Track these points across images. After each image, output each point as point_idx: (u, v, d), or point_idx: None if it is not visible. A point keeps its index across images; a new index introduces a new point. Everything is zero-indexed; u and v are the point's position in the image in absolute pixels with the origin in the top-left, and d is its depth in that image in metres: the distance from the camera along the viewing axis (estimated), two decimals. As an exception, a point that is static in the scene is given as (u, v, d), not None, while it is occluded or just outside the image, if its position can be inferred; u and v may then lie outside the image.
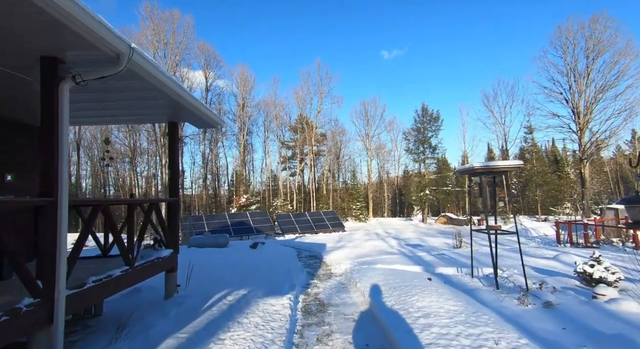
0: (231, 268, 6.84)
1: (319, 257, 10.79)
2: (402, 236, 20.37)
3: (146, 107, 4.14)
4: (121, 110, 4.12)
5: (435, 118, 30.78)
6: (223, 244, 13.31)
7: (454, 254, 10.28)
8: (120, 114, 4.24)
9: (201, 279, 5.41)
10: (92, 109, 4.03)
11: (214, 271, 6.27)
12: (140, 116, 4.33)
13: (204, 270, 6.28)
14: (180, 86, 3.83)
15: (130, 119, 4.69)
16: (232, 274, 5.85)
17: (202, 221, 21.52)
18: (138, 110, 4.14)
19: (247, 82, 38.23)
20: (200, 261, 7.67)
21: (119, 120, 4.57)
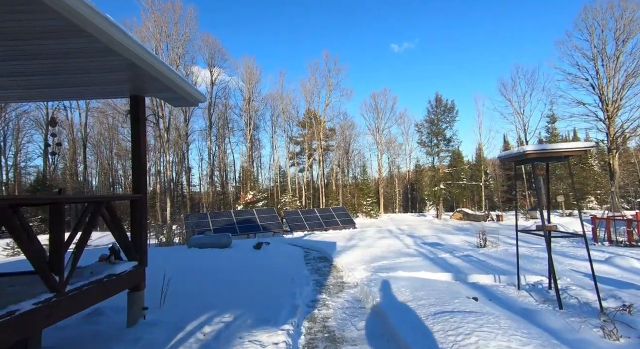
0: (225, 276, 5.80)
1: (329, 259, 9.72)
2: (417, 233, 19.17)
3: (97, 76, 3.09)
4: (60, 79, 3.08)
5: (449, 108, 29.22)
6: (225, 245, 12.35)
7: (480, 256, 9.08)
8: (57, 84, 3.20)
9: (183, 293, 4.39)
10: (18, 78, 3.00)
11: (202, 281, 5.25)
12: (90, 88, 3.29)
13: (191, 280, 5.28)
14: (142, 46, 2.76)
15: (76, 92, 3.56)
16: (223, 287, 4.81)
17: (207, 219, 20.70)
18: (85, 78, 3.09)
19: (253, 75, 37.26)
20: (190, 267, 6.69)
21: (59, 93, 3.53)
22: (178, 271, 6.22)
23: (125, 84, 3.37)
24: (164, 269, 6.75)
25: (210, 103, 34.97)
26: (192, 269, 6.46)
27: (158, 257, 8.88)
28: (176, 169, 42.85)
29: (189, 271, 6.25)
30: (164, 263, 7.83)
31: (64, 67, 2.81)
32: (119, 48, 2.47)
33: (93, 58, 2.74)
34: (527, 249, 10.06)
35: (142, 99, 3.62)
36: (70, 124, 35.22)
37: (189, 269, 6.41)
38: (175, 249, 11.96)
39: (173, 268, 6.74)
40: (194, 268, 6.64)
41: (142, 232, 3.48)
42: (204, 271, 6.26)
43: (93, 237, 20.52)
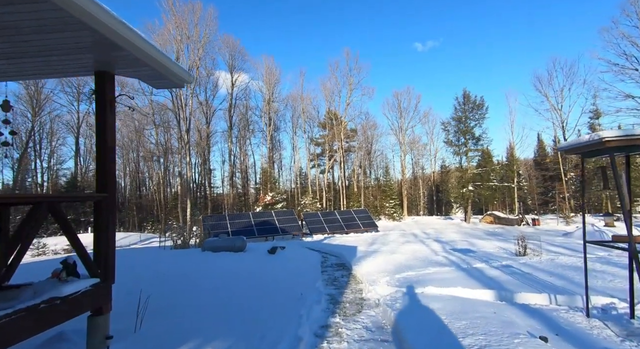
0: (227, 289, 5.09)
1: (348, 266, 8.85)
2: (444, 238, 17.83)
3: (53, 46, 2.44)
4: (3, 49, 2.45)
5: (478, 105, 27.41)
6: (239, 248, 11.77)
7: (523, 267, 7.89)
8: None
9: (170, 312, 3.71)
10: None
11: (199, 295, 4.55)
12: (48, 62, 2.66)
13: (186, 294, 4.61)
14: (97, 2, 2.09)
15: (33, 69, 2.88)
16: (219, 303, 4.08)
17: (225, 221, 20.37)
18: (37, 48, 2.45)
19: (272, 75, 36.99)
20: (192, 277, 6.02)
21: (10, 71, 2.89)
22: (176, 281, 5.60)
23: (87, 56, 2.71)
24: (163, 276, 6.16)
25: (231, 104, 35.10)
26: (193, 279, 5.82)
27: (164, 262, 8.38)
28: (199, 170, 43.45)
29: (188, 281, 5.61)
30: (167, 268, 7.29)
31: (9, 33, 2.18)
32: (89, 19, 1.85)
33: (41, 18, 2.09)
34: (579, 259, 8.70)
35: (111, 77, 2.95)
36: (98, 128, 36.48)
37: (190, 279, 5.77)
38: (188, 252, 11.52)
39: (173, 276, 6.13)
40: (195, 277, 6.00)
41: (108, 240, 2.80)
42: (206, 281, 5.59)
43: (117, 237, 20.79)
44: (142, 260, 9.07)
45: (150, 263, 8.17)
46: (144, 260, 9.05)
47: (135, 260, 9.04)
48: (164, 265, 7.50)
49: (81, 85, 35.29)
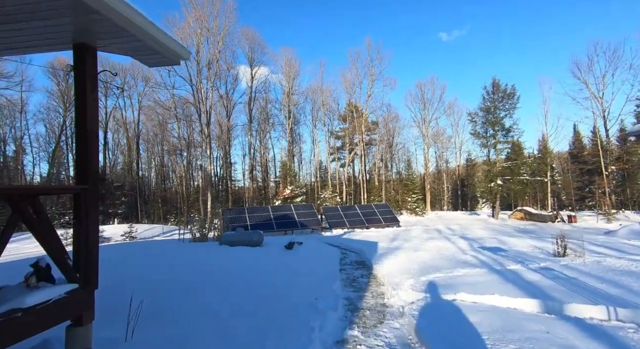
0: (236, 288, 4.72)
1: (368, 265, 8.32)
2: (470, 235, 16.86)
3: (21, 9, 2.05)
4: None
5: (509, 94, 25.67)
6: (257, 243, 11.52)
7: (565, 270, 7.05)
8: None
9: (168, 316, 3.35)
10: None
11: (203, 296, 4.19)
12: (22, 34, 2.29)
13: (190, 296, 4.26)
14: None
15: (5, 43, 2.49)
16: (223, 309, 3.68)
17: (245, 214, 20.31)
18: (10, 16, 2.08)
19: (292, 67, 36.53)
20: (202, 275, 5.71)
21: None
22: (185, 280, 5.30)
23: (64, 27, 2.31)
24: (174, 270, 5.93)
25: (250, 98, 35.06)
26: (202, 277, 5.50)
27: (179, 256, 8.18)
28: (220, 164, 44.01)
29: (198, 280, 5.29)
30: (180, 263, 7.05)
31: None
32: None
33: None
34: (631, 263, 7.71)
35: (92, 51, 2.56)
36: (124, 122, 37.61)
37: (199, 278, 5.46)
38: (206, 246, 11.39)
39: (182, 272, 5.85)
40: (204, 277, 5.68)
41: (89, 239, 2.42)
42: (214, 282, 5.25)
43: (139, 229, 21.32)
44: (154, 253, 8.97)
45: (161, 258, 8.01)
46: (156, 253, 8.94)
47: (149, 253, 8.96)
48: (179, 260, 7.30)
49: (108, 81, 36.35)
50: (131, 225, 19.78)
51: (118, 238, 19.30)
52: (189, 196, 35.86)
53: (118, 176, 41.72)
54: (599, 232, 17.72)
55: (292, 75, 36.25)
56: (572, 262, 8.06)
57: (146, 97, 34.14)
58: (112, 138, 42.43)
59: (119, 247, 10.96)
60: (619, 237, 15.14)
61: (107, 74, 4.46)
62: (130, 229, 19.39)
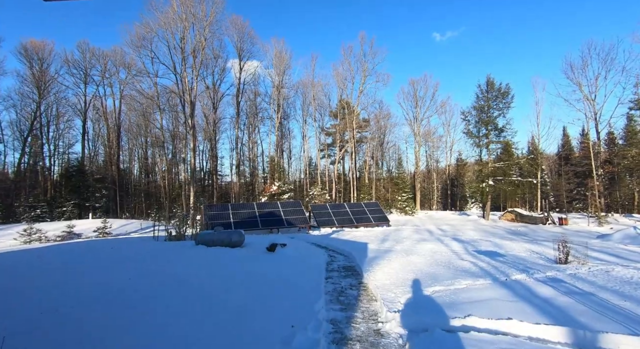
0: (189, 317, 3.77)
1: (358, 271, 7.48)
2: (463, 237, 16.29)
3: None
4: None
5: (504, 93, 25.19)
6: (236, 243, 10.55)
7: (574, 280, 6.39)
8: None
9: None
10: None
11: (141, 330, 3.23)
12: None
13: (137, 318, 3.29)
14: None
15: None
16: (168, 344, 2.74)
17: (228, 211, 19.25)
18: None
19: (282, 59, 35.23)
20: (152, 285, 4.70)
21: None
22: (117, 299, 4.30)
23: None
24: (111, 283, 4.72)
25: (238, 89, 33.69)
26: (146, 293, 4.51)
27: (138, 261, 7.08)
28: (207, 157, 42.54)
29: (136, 298, 4.29)
30: (135, 270, 5.94)
31: None
32: None
33: None
34: (634, 272, 7.08)
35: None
36: (104, 111, 35.73)
37: (140, 295, 4.46)
38: (179, 246, 10.34)
39: (123, 285, 4.81)
40: (152, 289, 4.70)
41: None
42: (163, 296, 4.28)
43: (115, 224, 19.88)
44: (105, 257, 7.90)
45: (112, 263, 6.97)
46: (112, 257, 7.87)
47: (100, 256, 7.88)
48: (132, 265, 6.28)
49: (88, 67, 34.50)
50: (105, 220, 18.45)
51: (90, 234, 17.99)
52: (171, 190, 34.41)
53: (99, 168, 39.84)
54: (592, 236, 17.38)
55: (282, 67, 35.06)
56: (579, 271, 7.40)
57: (128, 86, 32.45)
58: (93, 128, 40.49)
59: (71, 248, 9.77)
60: (614, 242, 14.75)
61: (88, 59, 3.49)
62: (104, 225, 18.06)
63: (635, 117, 22.38)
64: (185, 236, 13.50)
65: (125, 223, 22.37)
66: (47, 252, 8.61)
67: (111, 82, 34.39)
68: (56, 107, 33.66)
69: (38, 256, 7.63)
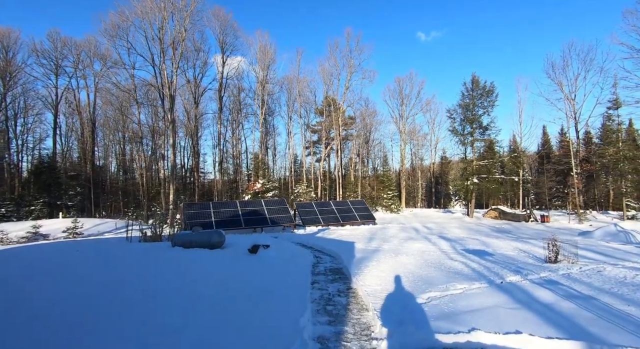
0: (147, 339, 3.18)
1: (346, 274, 7.02)
2: (449, 235, 16.16)
3: None
4: None
5: (488, 91, 25.35)
6: (216, 244, 9.91)
7: (571, 282, 6.16)
8: None
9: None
10: None
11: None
12: None
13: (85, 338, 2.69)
14: None
15: None
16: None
17: (209, 210, 18.44)
18: None
19: (267, 53, 34.29)
20: (117, 299, 4.06)
21: None
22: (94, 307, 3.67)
23: None
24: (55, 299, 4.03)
25: (221, 84, 32.58)
26: (91, 317, 3.89)
27: (99, 266, 6.34)
28: (189, 154, 41.16)
29: (107, 310, 3.69)
30: (91, 278, 5.23)
31: None
32: None
33: None
34: (630, 272, 6.94)
35: None
36: (77, 105, 33.80)
37: (111, 307, 3.85)
38: (154, 248, 9.60)
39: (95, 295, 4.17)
40: (122, 302, 4.07)
41: None
42: (106, 315, 3.67)
43: (87, 224, 18.62)
44: (59, 262, 7.13)
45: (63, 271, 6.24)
46: (67, 263, 7.11)
47: (54, 262, 7.10)
48: (88, 272, 5.58)
49: (59, 58, 32.55)
50: (75, 220, 17.27)
51: (59, 235, 16.81)
52: (150, 188, 33.01)
53: (73, 165, 37.83)
54: (574, 233, 17.64)
55: (267, 62, 34.12)
56: (571, 271, 7.20)
57: (104, 78, 30.74)
58: (66, 123, 38.35)
59: (30, 250, 8.87)
60: (596, 239, 14.95)
61: (59, 49, 2.80)
62: (74, 225, 16.91)
63: (614, 117, 23.05)
64: (163, 236, 12.69)
65: (99, 223, 21.14)
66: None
67: (85, 74, 32.57)
68: (24, 100, 31.60)
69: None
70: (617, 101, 22.60)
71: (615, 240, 14.16)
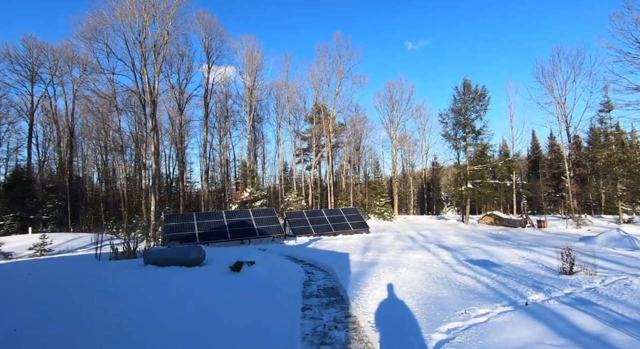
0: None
1: (343, 296, 6.02)
2: (447, 243, 15.34)
3: None
4: None
5: (480, 95, 25.03)
6: (195, 261, 8.77)
7: (597, 297, 5.36)
8: None
9: None
10: None
11: None
12: None
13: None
14: None
15: None
16: None
17: (193, 221, 17.20)
18: None
19: (254, 58, 33.46)
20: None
21: None
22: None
23: None
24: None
25: (207, 90, 31.52)
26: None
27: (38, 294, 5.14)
28: (174, 163, 39.69)
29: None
30: None
31: None
32: None
33: None
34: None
35: None
36: (54, 113, 32.17)
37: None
38: (122, 267, 8.40)
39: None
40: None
41: None
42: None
43: (59, 240, 17.02)
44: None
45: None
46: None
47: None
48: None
49: (35, 64, 31.05)
50: (44, 236, 15.77)
51: (25, 253, 15.29)
52: (131, 199, 31.40)
53: (52, 176, 35.90)
54: (574, 239, 17.05)
55: (254, 67, 33.26)
56: (595, 285, 6.35)
57: (82, 85, 29.30)
58: (43, 132, 36.52)
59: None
60: (600, 245, 14.28)
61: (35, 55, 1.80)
62: (42, 241, 15.41)
63: (606, 119, 22.95)
64: (138, 252, 11.44)
65: (73, 238, 19.59)
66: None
67: (62, 80, 31.09)
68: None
69: None
70: (608, 103, 22.53)
71: (620, 246, 13.52)
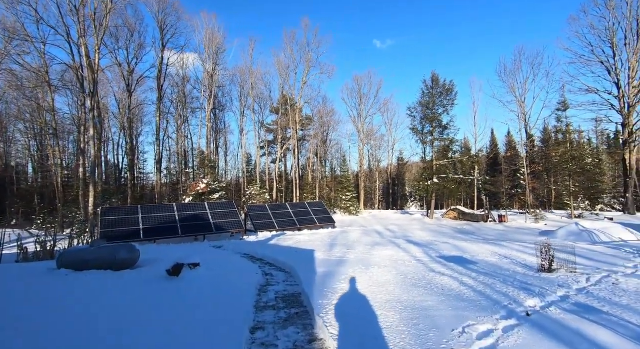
0: None
1: (307, 307, 4.84)
2: (415, 238, 14.82)
3: None
4: None
5: (448, 89, 25.02)
6: (125, 264, 7.14)
7: (592, 300, 4.74)
8: None
9: None
10: None
11: None
12: None
13: None
14: None
15: None
16: None
17: (137, 215, 15.08)
18: None
19: (214, 38, 30.85)
20: None
21: None
22: None
23: None
24: None
25: (160, 70, 28.46)
26: None
27: None
28: (124, 152, 35.97)
29: None
30: None
31: None
32: None
33: None
34: None
35: None
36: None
37: None
38: (26, 272, 6.53)
39: None
40: None
41: None
42: None
43: None
44: None
45: None
46: None
47: None
48: None
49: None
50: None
51: None
52: (66, 190, 27.81)
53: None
54: (534, 233, 17.39)
55: (214, 48, 30.63)
56: (584, 285, 5.77)
57: (7, 58, 24.96)
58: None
59: None
60: (560, 239, 14.46)
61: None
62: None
63: (562, 118, 24.05)
64: (57, 252, 9.40)
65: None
66: None
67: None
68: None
69: None
70: (565, 102, 23.54)
71: (580, 240, 13.72)
